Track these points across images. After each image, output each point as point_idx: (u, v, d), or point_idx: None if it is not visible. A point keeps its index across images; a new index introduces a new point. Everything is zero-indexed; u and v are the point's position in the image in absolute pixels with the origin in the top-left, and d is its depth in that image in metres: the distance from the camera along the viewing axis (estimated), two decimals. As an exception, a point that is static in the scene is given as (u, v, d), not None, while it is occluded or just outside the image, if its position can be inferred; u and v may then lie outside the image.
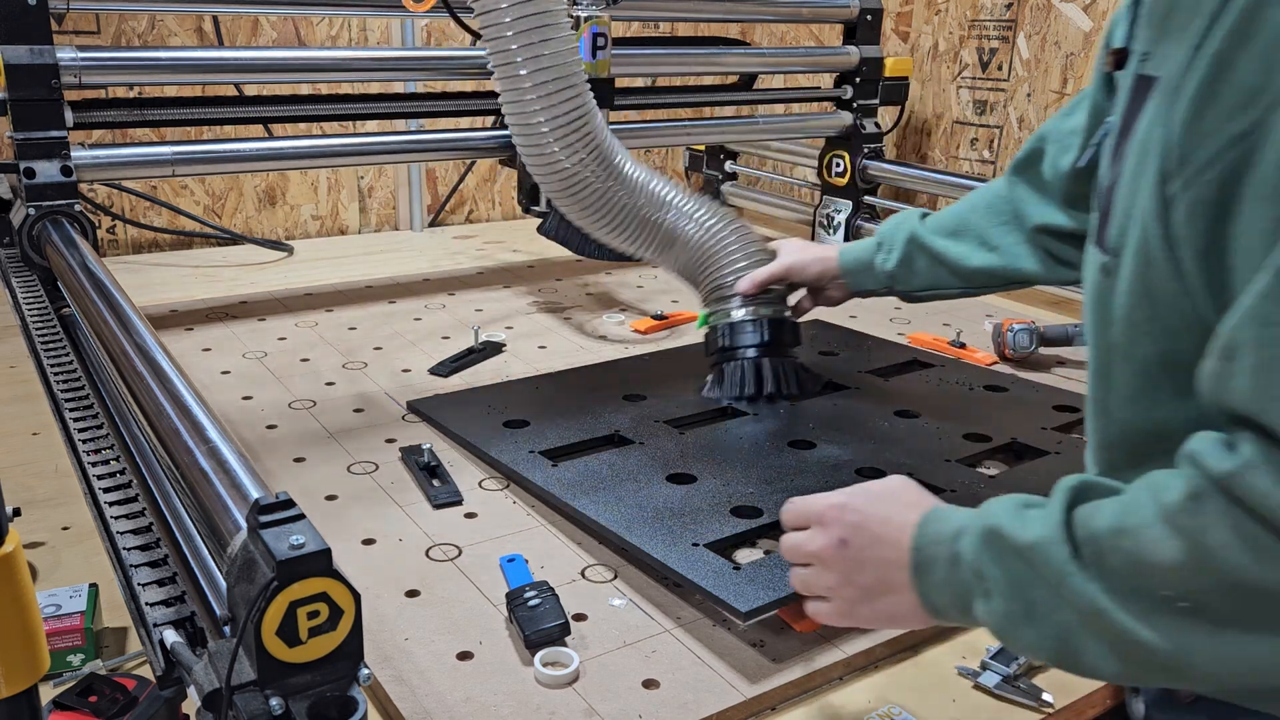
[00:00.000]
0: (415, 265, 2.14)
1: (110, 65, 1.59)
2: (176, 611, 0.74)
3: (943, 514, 0.69)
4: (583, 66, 1.31)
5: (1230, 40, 0.54)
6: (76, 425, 1.10)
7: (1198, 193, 0.57)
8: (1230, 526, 0.53)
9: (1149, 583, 0.56)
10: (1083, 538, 0.60)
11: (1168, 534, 0.56)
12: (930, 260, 1.17)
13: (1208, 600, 0.55)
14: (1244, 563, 0.53)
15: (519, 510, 1.09)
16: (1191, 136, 0.57)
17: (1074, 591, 0.58)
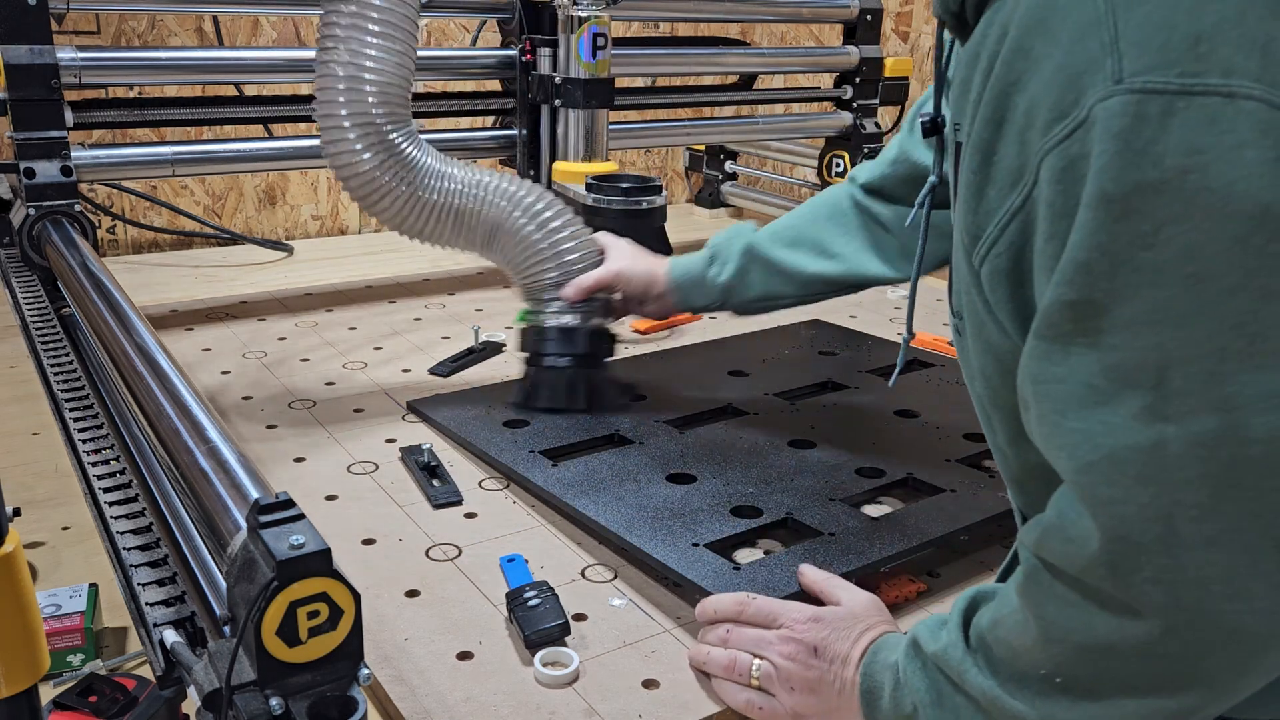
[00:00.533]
0: (415, 265, 2.14)
1: (110, 65, 1.59)
2: (176, 611, 0.74)
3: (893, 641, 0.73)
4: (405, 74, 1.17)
5: (990, 127, 0.59)
6: (76, 425, 1.10)
7: (994, 265, 0.61)
8: (1055, 596, 0.58)
9: (1023, 665, 0.60)
10: (975, 640, 0.64)
11: (1021, 617, 0.60)
12: (766, 271, 1.17)
13: (1072, 671, 0.58)
14: (1074, 626, 0.57)
15: (519, 510, 1.09)
16: (978, 216, 0.61)
17: (973, 685, 0.62)
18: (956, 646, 0.64)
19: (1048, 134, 0.54)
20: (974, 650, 0.64)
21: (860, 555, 0.94)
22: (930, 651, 0.67)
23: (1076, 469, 0.55)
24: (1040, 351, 0.56)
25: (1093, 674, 0.57)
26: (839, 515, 1.02)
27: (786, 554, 0.95)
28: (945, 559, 1.00)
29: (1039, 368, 0.56)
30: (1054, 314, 0.54)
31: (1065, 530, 0.56)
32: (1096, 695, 0.57)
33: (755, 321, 1.39)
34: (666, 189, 2.53)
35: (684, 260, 1.23)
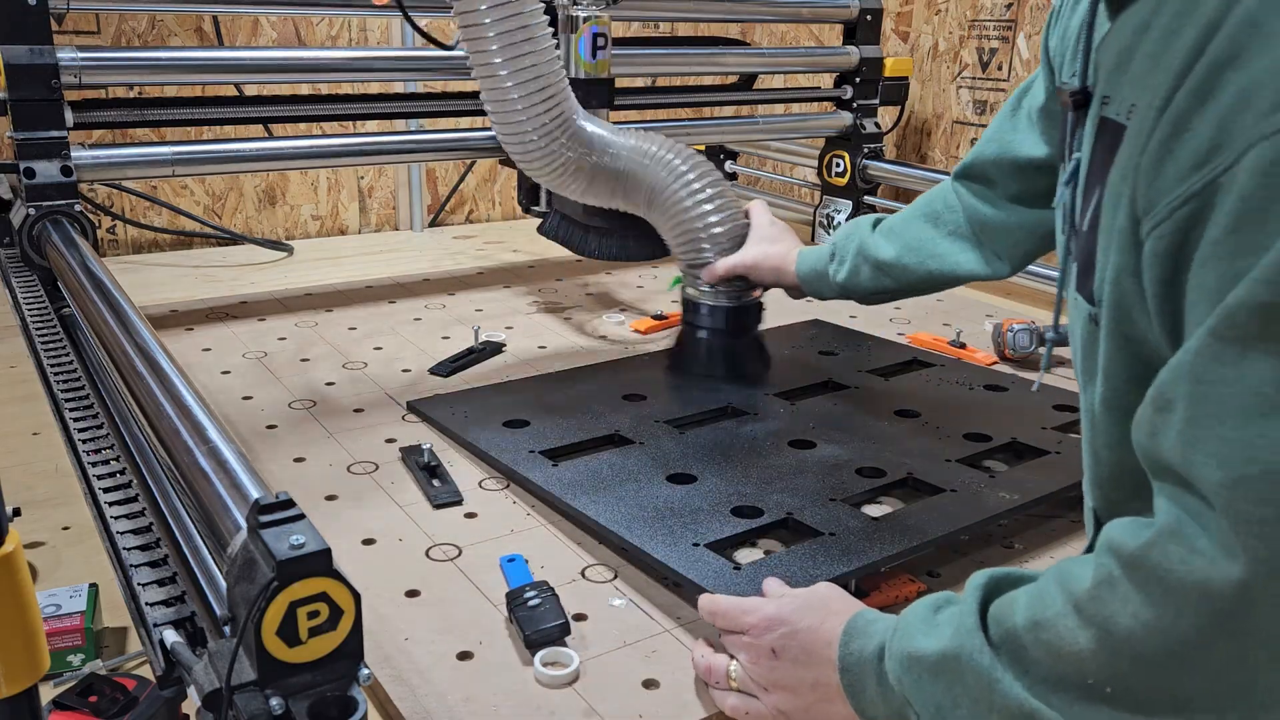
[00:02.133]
0: (415, 265, 2.14)
1: (110, 65, 1.59)
2: (176, 611, 0.74)
3: (864, 625, 0.71)
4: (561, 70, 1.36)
5: (1190, 99, 0.55)
6: (76, 425, 1.10)
7: (1154, 245, 0.58)
8: (1135, 608, 0.54)
9: (1070, 672, 0.57)
10: (999, 636, 0.61)
11: (1080, 623, 0.57)
12: (875, 270, 1.22)
13: (1128, 684, 0.55)
14: (1152, 644, 0.54)
15: (519, 510, 1.09)
16: (1152, 191, 0.58)
17: (1002, 695, 0.59)
18: (980, 652, 0.60)
19: (1266, 120, 0.50)
20: (999, 648, 0.60)
21: (860, 555, 0.94)
22: (933, 658, 0.63)
23: (1225, 482, 0.51)
24: (1212, 351, 0.52)
25: (1150, 689, 0.55)
26: (839, 515, 1.02)
27: (786, 554, 0.95)
28: (945, 559, 1.01)
29: (1205, 367, 0.52)
30: (1240, 313, 0.51)
31: (1193, 543, 0.52)
32: (1149, 710, 0.55)
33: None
34: (666, 189, 2.53)
35: (810, 254, 1.30)
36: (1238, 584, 0.50)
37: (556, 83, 1.34)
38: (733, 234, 1.37)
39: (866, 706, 0.69)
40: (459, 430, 1.24)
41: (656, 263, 2.08)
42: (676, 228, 1.38)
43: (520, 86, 1.31)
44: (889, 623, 0.70)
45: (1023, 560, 1.01)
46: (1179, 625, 0.53)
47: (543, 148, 1.35)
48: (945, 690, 0.62)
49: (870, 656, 0.68)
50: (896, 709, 0.66)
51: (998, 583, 0.65)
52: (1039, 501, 1.06)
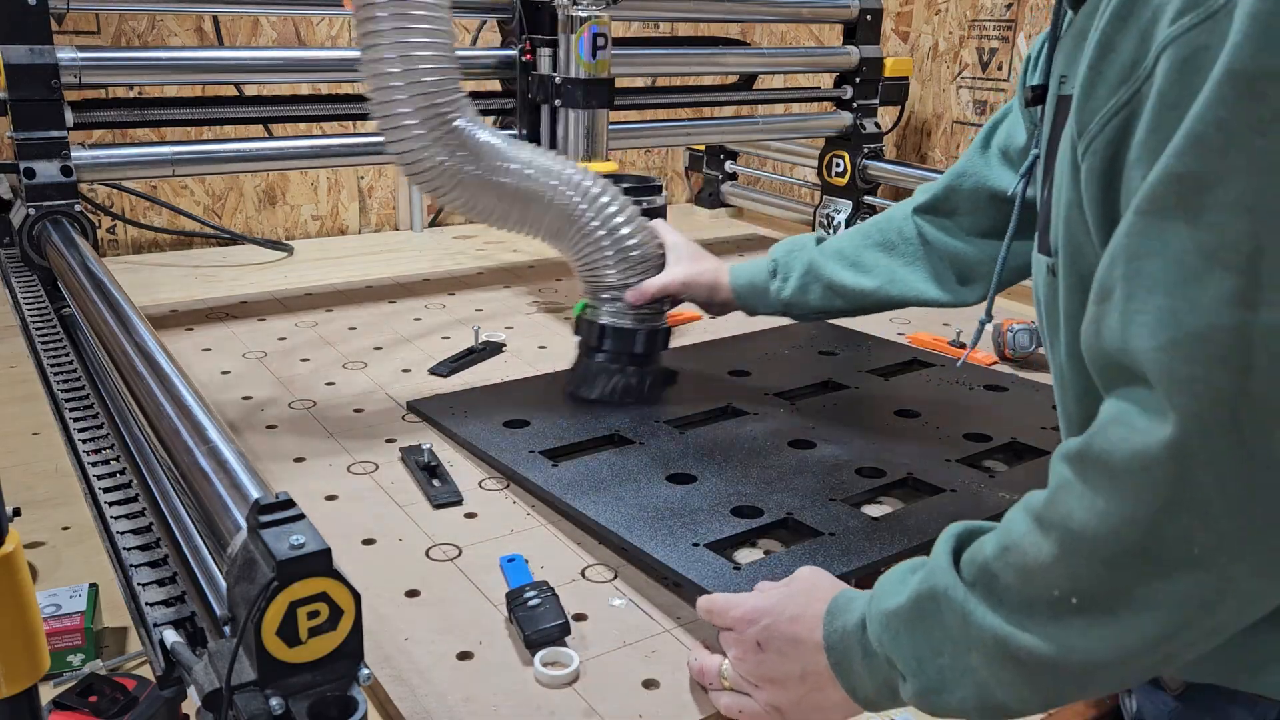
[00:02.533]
0: (415, 265, 2.14)
1: (110, 65, 1.59)
2: (176, 611, 0.74)
3: (845, 603, 0.71)
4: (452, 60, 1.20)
5: (1113, 24, 0.58)
6: (76, 425, 1.10)
7: (1091, 162, 0.61)
8: (1088, 500, 0.55)
9: (1037, 588, 0.58)
10: (972, 574, 0.62)
11: (1042, 534, 0.58)
12: (825, 290, 1.21)
13: (1091, 586, 0.56)
14: (1104, 528, 0.55)
15: (519, 510, 1.09)
16: (1085, 113, 0.61)
17: (977, 626, 0.60)
18: (954, 587, 0.62)
19: (1174, 23, 0.53)
20: (973, 585, 0.61)
21: (860, 555, 0.94)
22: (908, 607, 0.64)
23: (1156, 346, 0.53)
24: (1137, 228, 0.55)
25: (1112, 588, 0.55)
26: (839, 515, 1.02)
27: (786, 554, 0.95)
28: (945, 559, 1.00)
29: (1134, 244, 0.55)
30: (1159, 187, 0.53)
31: (1131, 421, 0.54)
32: (1114, 613, 0.55)
33: (755, 321, 1.40)
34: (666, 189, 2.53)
35: (746, 269, 1.26)
36: (1170, 444, 0.52)
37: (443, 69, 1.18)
38: (646, 256, 1.29)
39: (855, 684, 0.68)
40: (459, 430, 1.24)
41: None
42: (584, 249, 1.28)
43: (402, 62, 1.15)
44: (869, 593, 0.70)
45: (1023, 560, 1.01)
46: (1125, 506, 0.54)
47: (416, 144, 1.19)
48: (924, 638, 0.63)
49: (853, 629, 0.68)
50: (883, 679, 0.66)
51: (970, 531, 0.66)
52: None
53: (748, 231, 2.57)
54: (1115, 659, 0.56)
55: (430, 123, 1.18)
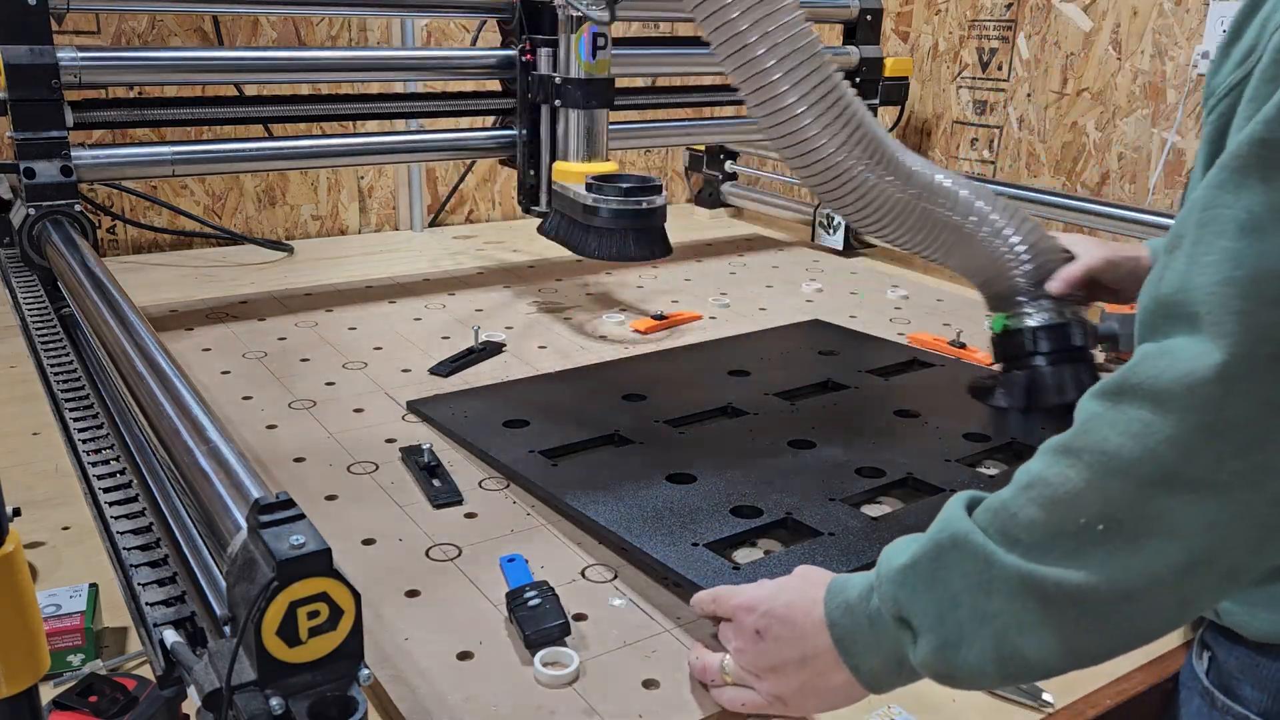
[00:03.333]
0: (415, 265, 2.14)
1: (110, 65, 1.59)
2: (176, 611, 0.74)
3: (845, 581, 0.71)
4: (820, 42, 1.10)
5: (1244, 13, 0.64)
6: (76, 425, 1.10)
7: (1205, 132, 0.65)
8: (1123, 424, 0.57)
9: (1062, 517, 0.59)
10: (986, 519, 0.63)
11: (1068, 463, 0.60)
12: None
13: (1120, 511, 0.57)
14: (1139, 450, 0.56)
15: (519, 510, 1.09)
16: (1208, 89, 0.66)
17: (999, 566, 0.61)
18: (974, 533, 0.62)
19: None
20: (987, 530, 0.62)
21: (860, 555, 0.94)
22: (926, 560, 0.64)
23: (1216, 281, 0.56)
24: (1217, 181, 0.58)
25: (1141, 511, 0.57)
26: (839, 515, 1.02)
27: (786, 554, 0.95)
28: (945, 559, 1.00)
29: (1211, 195, 0.58)
30: (1244, 147, 0.57)
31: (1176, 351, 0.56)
32: (1137, 540, 0.57)
33: (755, 321, 1.40)
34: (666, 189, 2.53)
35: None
36: (1218, 368, 0.54)
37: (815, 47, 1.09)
38: (1057, 256, 1.16)
39: (859, 659, 0.68)
40: (459, 430, 1.24)
41: (656, 263, 2.09)
42: (989, 258, 1.15)
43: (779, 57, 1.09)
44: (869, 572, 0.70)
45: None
46: (1165, 426, 0.56)
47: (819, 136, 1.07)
48: (944, 589, 0.63)
49: (857, 600, 0.68)
50: (891, 647, 0.66)
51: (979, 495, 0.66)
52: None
53: (748, 231, 2.57)
54: (1136, 589, 0.57)
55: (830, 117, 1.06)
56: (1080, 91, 2.07)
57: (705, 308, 1.83)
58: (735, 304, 1.86)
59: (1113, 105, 2.02)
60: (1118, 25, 1.99)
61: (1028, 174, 2.19)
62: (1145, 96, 1.96)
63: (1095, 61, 2.04)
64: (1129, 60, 1.98)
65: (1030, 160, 2.18)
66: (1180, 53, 1.91)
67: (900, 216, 1.12)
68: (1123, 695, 0.84)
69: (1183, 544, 0.56)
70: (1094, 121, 2.05)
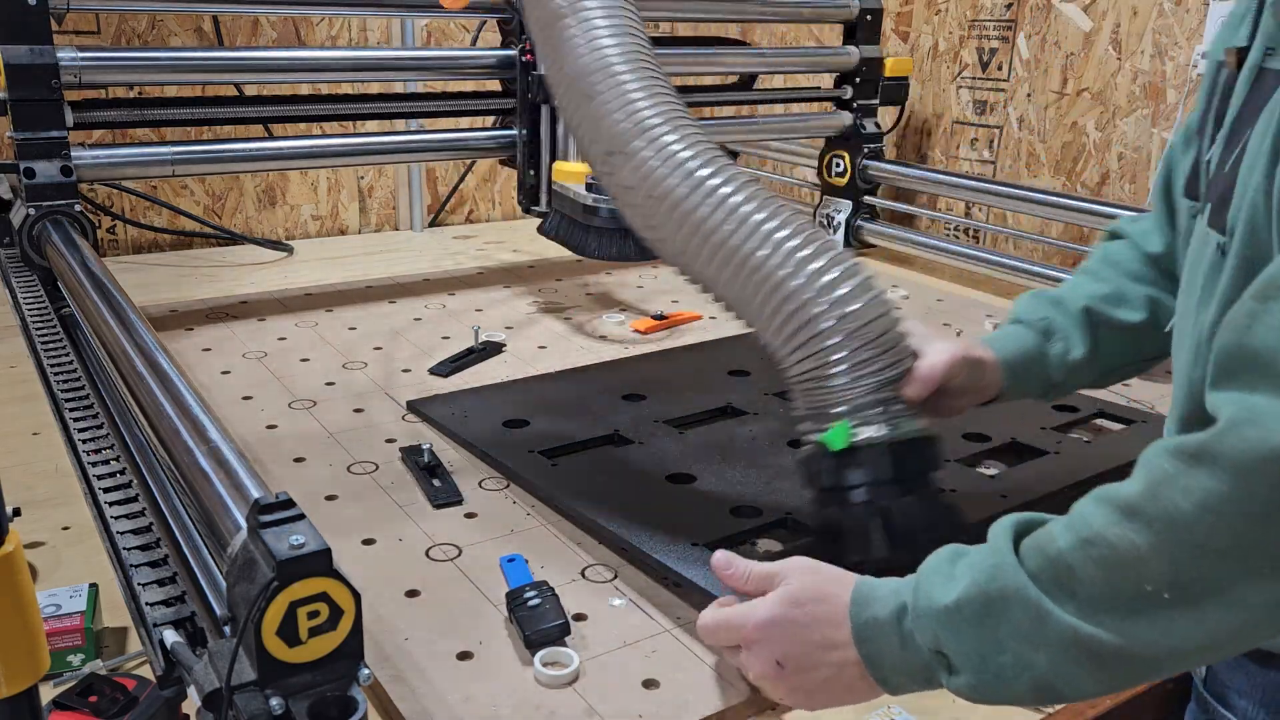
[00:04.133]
0: (415, 265, 2.14)
1: (110, 65, 1.59)
2: (176, 611, 0.74)
3: (869, 593, 0.69)
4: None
5: None
6: (76, 425, 1.10)
7: None
8: (1200, 494, 0.54)
9: (1126, 581, 0.57)
10: (1038, 566, 0.61)
11: (1136, 527, 0.57)
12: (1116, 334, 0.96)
13: (1189, 581, 0.55)
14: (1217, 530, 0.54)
15: (519, 510, 1.09)
16: None
17: (1055, 625, 0.59)
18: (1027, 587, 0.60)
19: None
20: (1039, 578, 0.60)
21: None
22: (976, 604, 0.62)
23: None
24: None
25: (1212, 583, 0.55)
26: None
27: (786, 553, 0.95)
28: (945, 559, 1.00)
29: None
30: None
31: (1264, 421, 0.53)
32: (1201, 608, 0.55)
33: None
34: (666, 189, 2.52)
35: (1002, 339, 0.97)
36: None
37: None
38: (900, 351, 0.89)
39: (888, 674, 0.67)
40: (459, 430, 1.24)
41: (656, 263, 2.09)
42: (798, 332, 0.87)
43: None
44: (897, 584, 0.68)
45: (1022, 560, 1.01)
46: (1248, 499, 0.53)
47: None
48: (989, 634, 0.62)
49: (888, 620, 0.67)
50: (920, 668, 0.65)
51: (1027, 524, 0.64)
52: (1039, 501, 1.06)
53: (748, 231, 2.56)
54: (1190, 650, 0.57)
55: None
56: (1080, 91, 2.07)
57: (705, 308, 1.83)
58: (735, 304, 1.86)
59: (1113, 105, 2.02)
60: (1118, 25, 1.99)
61: (1028, 174, 2.19)
62: (1145, 96, 1.96)
63: (1095, 61, 2.04)
64: (1129, 60, 1.98)
65: (1030, 160, 2.18)
66: (1180, 53, 1.91)
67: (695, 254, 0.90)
68: (1123, 695, 0.84)
69: (1246, 614, 0.55)
70: (1094, 121, 2.05)
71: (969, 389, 0.94)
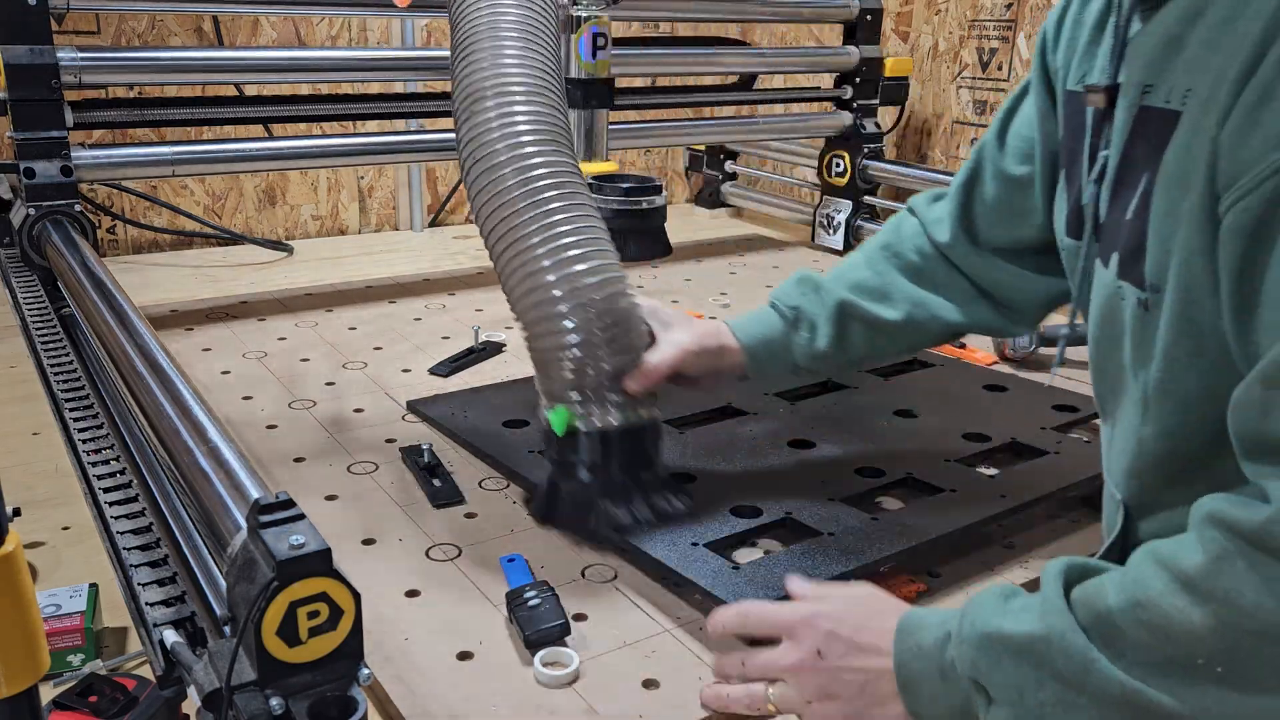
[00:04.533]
0: (415, 265, 2.14)
1: (110, 65, 1.59)
2: (176, 611, 0.74)
3: (919, 620, 0.69)
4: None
5: (1274, 71, 0.56)
6: (76, 425, 1.10)
7: (1236, 219, 0.58)
8: (1263, 581, 0.53)
9: (1179, 652, 0.56)
10: (1089, 619, 0.60)
11: (1193, 601, 0.56)
12: (869, 330, 1.00)
13: (1244, 661, 0.55)
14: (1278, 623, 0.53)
15: (519, 510, 1.09)
16: (1235, 165, 0.58)
17: (1101, 676, 0.58)
18: (1073, 633, 0.59)
19: None
20: (1089, 631, 0.59)
21: (860, 555, 0.94)
22: (1020, 639, 0.61)
23: None
24: None
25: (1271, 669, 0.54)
26: (838, 515, 1.01)
27: (786, 554, 0.95)
28: (945, 559, 1.00)
29: None
30: None
31: None
32: (1259, 687, 0.55)
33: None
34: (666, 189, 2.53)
35: (750, 324, 1.03)
36: None
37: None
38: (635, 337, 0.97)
39: (923, 705, 0.66)
40: (459, 430, 1.24)
41: (656, 262, 2.09)
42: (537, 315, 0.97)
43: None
44: (946, 615, 0.68)
45: (1022, 560, 1.01)
46: None
47: None
48: (1031, 672, 0.61)
49: (931, 647, 0.66)
50: (960, 702, 0.64)
51: (1080, 570, 0.63)
52: (1039, 501, 1.06)
53: (748, 231, 2.57)
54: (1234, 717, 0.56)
55: None
56: (1080, 91, 2.07)
57: (705, 308, 1.83)
58: (735, 304, 1.86)
59: (1113, 105, 2.02)
60: (1118, 25, 1.99)
61: (1028, 174, 2.19)
62: (1145, 96, 1.96)
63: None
64: (1129, 60, 1.98)
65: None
66: (1180, 53, 1.91)
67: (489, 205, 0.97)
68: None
69: None
70: (1094, 121, 2.05)
71: (708, 372, 1.02)
